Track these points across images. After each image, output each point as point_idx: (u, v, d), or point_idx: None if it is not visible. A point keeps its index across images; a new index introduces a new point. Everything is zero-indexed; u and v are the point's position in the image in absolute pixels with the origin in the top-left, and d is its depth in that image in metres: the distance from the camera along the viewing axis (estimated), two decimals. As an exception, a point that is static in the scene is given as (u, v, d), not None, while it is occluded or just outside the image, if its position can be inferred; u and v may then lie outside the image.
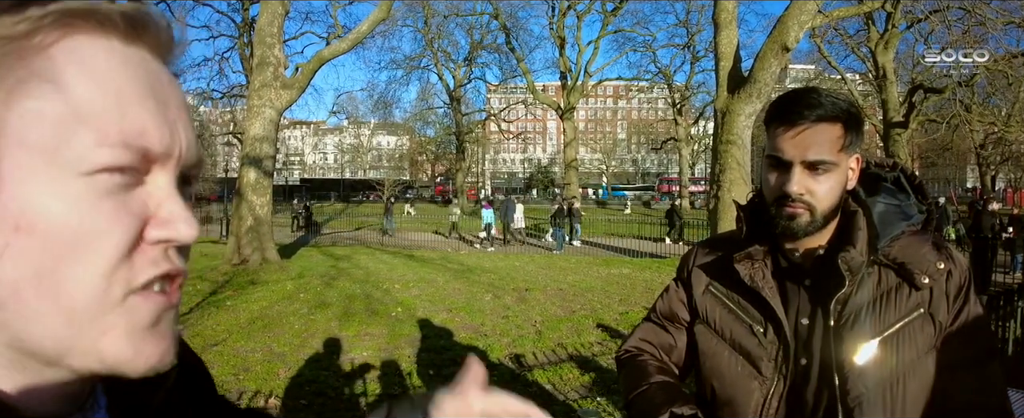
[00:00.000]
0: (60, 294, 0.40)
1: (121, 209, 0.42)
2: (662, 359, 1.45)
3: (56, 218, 0.40)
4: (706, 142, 57.03)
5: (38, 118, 0.40)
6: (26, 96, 0.40)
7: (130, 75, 0.43)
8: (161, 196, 0.44)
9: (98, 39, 0.43)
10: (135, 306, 0.43)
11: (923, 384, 1.17)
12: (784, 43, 9.80)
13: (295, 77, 14.17)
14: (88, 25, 0.42)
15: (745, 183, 10.26)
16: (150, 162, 0.44)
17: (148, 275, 0.43)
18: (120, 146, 0.41)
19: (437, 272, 12.50)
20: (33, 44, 0.40)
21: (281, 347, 6.65)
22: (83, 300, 0.41)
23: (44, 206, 0.39)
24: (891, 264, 1.22)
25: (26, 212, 0.39)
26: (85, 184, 0.40)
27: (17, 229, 0.39)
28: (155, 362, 0.44)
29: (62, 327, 0.41)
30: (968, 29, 20.80)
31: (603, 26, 35.46)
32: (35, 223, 0.39)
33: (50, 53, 0.41)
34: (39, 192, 0.39)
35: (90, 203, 0.40)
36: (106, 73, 0.42)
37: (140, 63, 0.44)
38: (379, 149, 75.19)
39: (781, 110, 1.21)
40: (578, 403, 4.96)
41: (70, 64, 0.41)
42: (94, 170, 0.40)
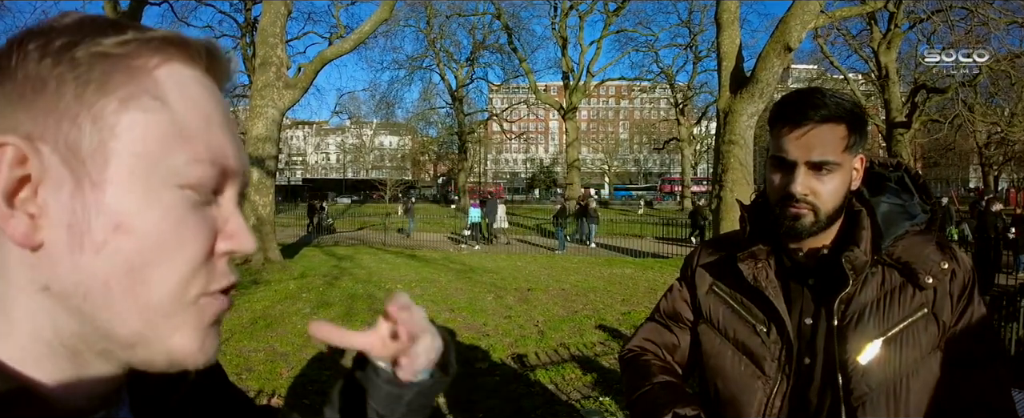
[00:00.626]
0: (144, 292, 0.45)
1: (202, 222, 0.47)
2: (665, 359, 1.45)
3: (151, 223, 0.44)
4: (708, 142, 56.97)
5: (147, 129, 0.44)
6: (139, 108, 0.44)
7: (213, 102, 0.49)
8: (228, 212, 0.50)
9: (189, 67, 0.48)
10: (204, 307, 0.48)
11: (926, 384, 1.17)
12: (786, 43, 9.78)
13: (297, 77, 14.18)
14: (181, 55, 0.48)
15: (747, 183, 10.25)
16: (225, 180, 0.50)
17: (221, 284, 0.49)
18: (208, 164, 0.47)
19: (439, 272, 12.50)
20: (138, 64, 0.45)
21: (284, 347, 6.65)
22: (163, 299, 0.45)
23: (142, 211, 0.44)
24: (895, 264, 1.22)
25: (126, 214, 0.43)
26: (178, 196, 0.45)
27: (117, 228, 0.43)
28: (211, 356, 0.49)
29: (140, 320, 0.45)
30: (971, 29, 20.76)
31: (605, 26, 35.46)
32: (133, 225, 0.44)
33: (155, 75, 0.46)
34: (139, 197, 0.44)
35: (180, 213, 0.45)
36: (198, 98, 0.48)
37: (215, 92, 0.51)
38: (381, 149, 75.23)
39: (785, 111, 1.21)
40: (581, 403, 4.96)
41: (173, 86, 0.46)
42: (186, 184, 0.46)
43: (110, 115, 0.44)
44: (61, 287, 0.43)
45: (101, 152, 0.43)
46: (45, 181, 0.43)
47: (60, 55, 0.43)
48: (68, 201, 0.43)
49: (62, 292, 0.44)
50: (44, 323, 0.45)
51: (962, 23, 20.70)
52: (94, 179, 0.43)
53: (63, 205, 0.43)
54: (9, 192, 0.42)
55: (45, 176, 0.43)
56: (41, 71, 0.43)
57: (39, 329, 0.45)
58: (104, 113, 0.44)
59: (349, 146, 75.44)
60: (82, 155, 0.43)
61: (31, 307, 0.44)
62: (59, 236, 0.43)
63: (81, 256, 0.43)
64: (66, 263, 0.43)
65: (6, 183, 0.42)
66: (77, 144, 0.43)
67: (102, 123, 0.43)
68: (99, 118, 0.43)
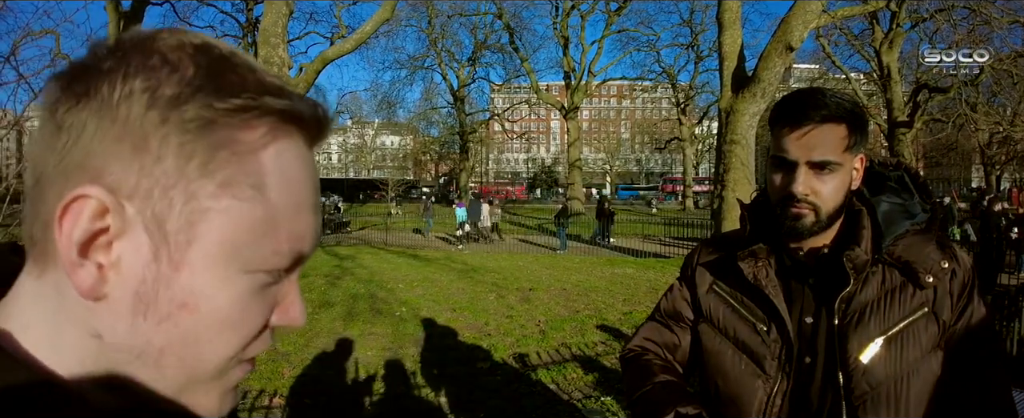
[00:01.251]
0: (194, 362, 0.44)
1: (264, 304, 0.46)
2: (666, 358, 1.45)
3: (217, 305, 0.43)
4: (710, 142, 56.93)
5: (239, 220, 0.43)
6: (234, 196, 0.42)
7: (309, 183, 0.47)
8: (289, 287, 0.49)
9: (294, 144, 0.46)
10: (234, 373, 0.48)
11: (927, 383, 1.17)
12: (788, 43, 9.77)
13: (299, 77, 14.17)
14: (290, 130, 0.45)
15: (749, 183, 10.24)
16: (298, 264, 0.48)
17: (256, 352, 0.48)
18: (289, 253, 0.46)
19: (441, 272, 12.51)
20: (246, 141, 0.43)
21: (286, 346, 6.65)
22: (208, 371, 0.45)
23: (211, 294, 0.43)
24: (895, 263, 1.22)
25: (196, 296, 0.43)
26: (248, 281, 0.44)
27: (183, 306, 0.42)
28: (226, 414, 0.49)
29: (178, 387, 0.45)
30: (973, 28, 20.73)
31: (607, 26, 35.42)
32: (200, 307, 0.43)
33: (260, 158, 0.43)
34: (212, 281, 0.43)
35: (246, 298, 0.45)
36: (297, 183, 0.46)
37: (312, 167, 0.48)
38: (383, 149, 75.20)
39: (786, 110, 1.22)
40: (582, 403, 4.96)
41: (275, 172, 0.44)
42: (260, 270, 0.45)
43: (205, 197, 0.42)
44: (115, 341, 0.43)
45: (186, 232, 0.42)
46: (123, 238, 0.41)
47: (168, 111, 0.41)
48: (141, 269, 0.42)
49: (115, 346, 0.43)
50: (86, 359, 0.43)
51: (964, 22, 20.69)
52: (173, 257, 0.42)
53: (136, 271, 0.42)
54: (83, 243, 0.40)
55: (124, 234, 0.41)
56: (146, 125, 0.40)
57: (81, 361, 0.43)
58: (200, 194, 0.42)
59: (350, 146, 75.38)
60: (166, 230, 0.41)
61: (79, 345, 0.43)
62: (124, 296, 0.42)
63: (143, 322, 0.42)
64: (126, 324, 0.42)
65: (82, 235, 0.40)
66: (164, 217, 0.41)
67: (195, 204, 0.42)
68: (193, 198, 0.42)
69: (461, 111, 43.04)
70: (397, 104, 43.55)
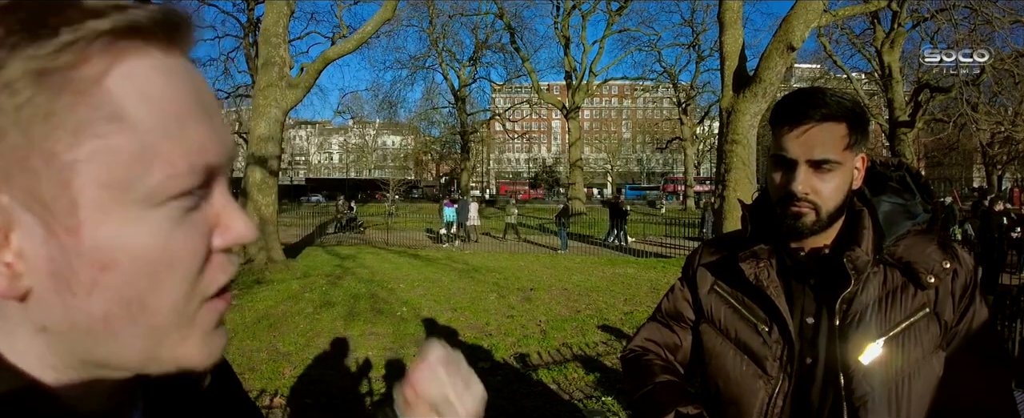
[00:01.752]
0: (146, 318, 0.42)
1: (193, 230, 0.43)
2: (667, 358, 1.45)
3: (138, 251, 0.40)
4: (711, 142, 56.99)
5: (110, 157, 0.39)
6: (94, 136, 0.38)
7: (181, 90, 0.42)
8: (219, 204, 0.46)
9: (144, 58, 0.41)
10: (207, 313, 0.45)
11: (928, 384, 1.17)
12: (789, 42, 9.77)
13: (300, 77, 14.19)
14: (132, 44, 0.40)
15: (750, 182, 10.25)
16: (211, 176, 0.44)
17: (219, 283, 0.46)
18: (189, 169, 0.42)
19: (442, 272, 12.51)
20: (85, 76, 0.38)
21: (287, 346, 6.66)
22: (167, 319, 0.43)
23: (125, 242, 0.40)
24: (896, 263, 1.21)
25: (109, 250, 0.40)
26: (160, 214, 0.41)
27: (103, 267, 0.40)
28: (218, 355, 0.47)
29: (147, 345, 0.43)
30: (974, 28, 20.74)
31: (608, 25, 35.43)
32: (119, 259, 0.40)
33: (106, 86, 0.39)
34: (118, 229, 0.40)
35: (166, 231, 0.41)
36: (162, 95, 0.41)
37: (182, 72, 0.43)
38: (384, 149, 75.27)
39: (786, 109, 1.21)
40: (583, 403, 4.96)
41: (129, 95, 0.40)
42: (166, 200, 0.41)
43: (65, 152, 0.38)
44: (60, 328, 0.41)
45: (65, 194, 0.38)
46: (15, 228, 0.39)
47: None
48: (43, 248, 0.39)
49: (62, 332, 0.41)
50: (45, 354, 0.43)
51: (965, 22, 20.69)
52: (65, 224, 0.39)
53: (39, 253, 0.39)
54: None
55: (12, 223, 0.39)
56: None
57: (43, 358, 0.43)
58: (58, 151, 0.38)
59: (352, 146, 75.46)
60: (44, 200, 0.38)
61: (32, 343, 0.42)
62: (44, 281, 0.40)
63: (73, 299, 0.40)
64: (58, 307, 0.40)
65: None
66: (35, 189, 0.38)
67: (57, 162, 0.38)
68: (53, 157, 0.38)
69: (462, 111, 43.09)
70: (398, 104, 43.67)
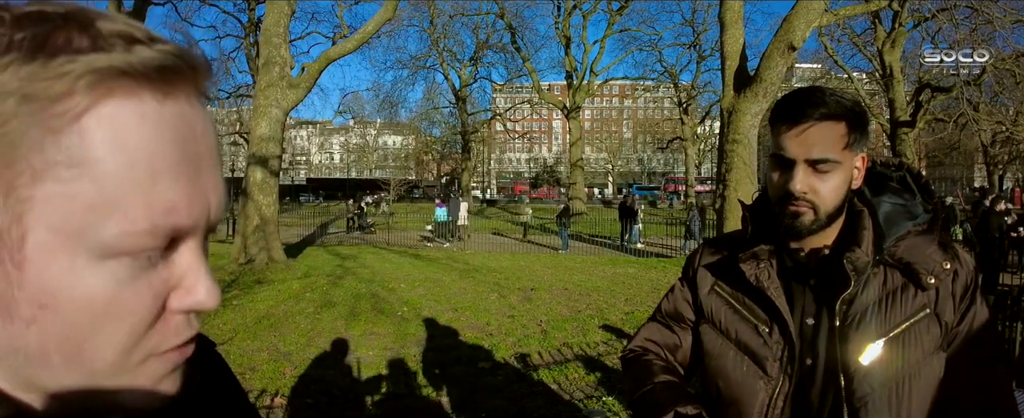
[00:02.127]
0: (84, 361, 0.40)
1: (144, 290, 0.41)
2: (667, 359, 1.44)
3: (79, 300, 0.39)
4: (712, 141, 56.97)
5: (65, 204, 0.37)
6: (55, 179, 0.37)
7: (164, 143, 0.40)
8: (185, 266, 0.43)
9: (132, 102, 0.39)
10: (153, 366, 0.43)
11: (929, 385, 1.16)
12: (790, 42, 9.76)
13: (301, 77, 14.19)
14: (121, 86, 0.38)
15: (751, 182, 10.24)
16: (178, 239, 0.42)
17: (170, 345, 0.44)
18: (147, 233, 0.39)
19: (443, 271, 12.51)
20: (62, 111, 0.37)
21: (287, 346, 6.67)
22: (104, 368, 0.41)
23: (67, 287, 0.38)
24: (897, 264, 1.21)
25: (51, 292, 0.38)
26: (109, 268, 0.39)
27: (42, 307, 0.38)
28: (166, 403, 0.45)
29: (83, 384, 0.41)
30: (975, 28, 20.71)
31: (609, 25, 35.45)
32: (58, 305, 0.39)
33: (82, 125, 0.37)
34: (62, 274, 0.38)
35: (113, 286, 0.40)
36: (139, 147, 0.39)
37: (175, 121, 0.41)
38: (385, 149, 75.29)
39: (785, 109, 1.21)
40: (584, 403, 4.96)
41: (103, 142, 0.37)
42: (120, 255, 0.39)
43: (24, 188, 0.37)
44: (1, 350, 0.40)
45: (17, 227, 0.37)
46: None
47: None
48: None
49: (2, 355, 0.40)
50: None
51: (966, 22, 20.65)
52: (13, 257, 0.37)
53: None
54: None
55: None
56: None
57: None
58: (17, 184, 0.36)
59: (353, 146, 75.51)
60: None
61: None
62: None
63: (12, 327, 0.39)
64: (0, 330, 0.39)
65: None
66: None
67: (16, 196, 0.37)
68: (12, 190, 0.37)
69: (463, 111, 43.08)
70: (399, 104, 43.70)
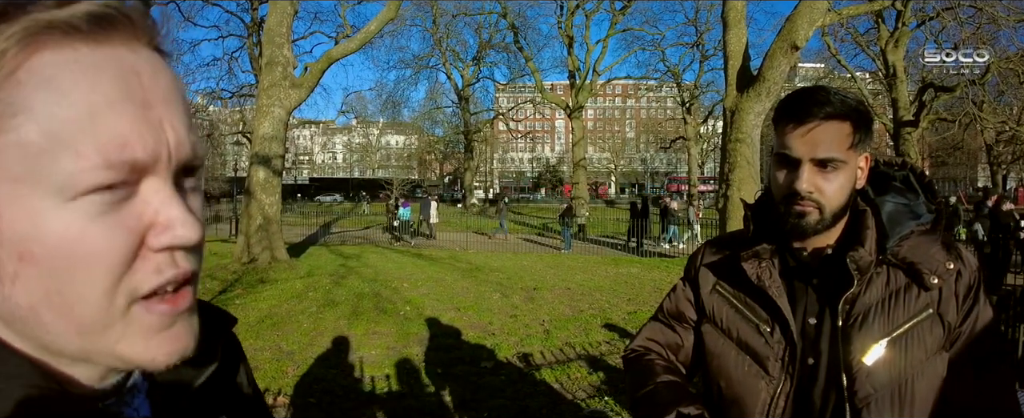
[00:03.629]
0: (69, 312, 0.42)
1: (116, 226, 0.42)
2: (669, 358, 1.44)
3: (52, 243, 0.40)
4: (715, 141, 56.89)
5: (17, 151, 0.39)
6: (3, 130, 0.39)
7: (101, 84, 0.41)
8: (157, 202, 0.44)
9: (62, 51, 0.41)
10: (140, 314, 0.44)
11: (932, 385, 1.16)
12: (793, 41, 9.74)
13: (304, 76, 14.21)
14: (52, 38, 0.40)
15: (754, 182, 10.22)
16: (139, 172, 0.43)
17: (152, 284, 0.44)
18: (101, 166, 0.41)
19: (445, 271, 12.52)
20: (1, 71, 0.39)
21: (290, 345, 6.67)
22: (90, 315, 0.42)
23: (39, 234, 0.40)
24: (900, 264, 1.20)
25: (25, 240, 0.40)
26: (75, 208, 0.41)
27: (21, 258, 0.41)
28: (172, 360, 0.46)
29: (78, 338, 0.43)
30: (979, 27, 20.67)
31: (611, 25, 35.37)
32: (34, 252, 0.40)
33: (17, 78, 0.40)
34: (32, 221, 0.40)
35: (82, 226, 0.41)
36: (74, 89, 0.40)
37: (112, 65, 0.42)
38: (388, 148, 75.33)
39: (790, 108, 1.21)
40: (586, 403, 4.96)
41: (38, 88, 0.40)
42: (81, 193, 0.41)
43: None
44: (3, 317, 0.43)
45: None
46: None
47: None
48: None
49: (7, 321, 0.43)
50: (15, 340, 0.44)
51: (970, 21, 20.60)
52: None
53: None
54: None
55: None
56: None
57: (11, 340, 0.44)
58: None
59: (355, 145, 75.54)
60: None
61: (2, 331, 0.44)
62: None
63: (3, 288, 0.41)
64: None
65: None
66: None
67: None
68: None
69: (466, 110, 43.09)
70: (402, 103, 43.75)
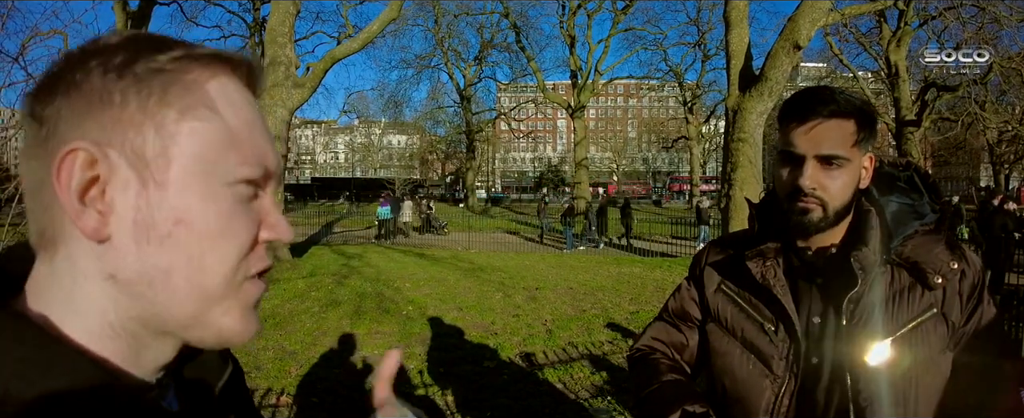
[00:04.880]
0: (201, 278, 0.50)
1: (249, 215, 0.53)
2: (674, 358, 1.44)
3: (208, 217, 0.50)
4: (717, 141, 56.86)
5: (204, 135, 0.50)
6: (195, 118, 0.50)
7: (253, 110, 0.56)
8: (268, 205, 0.56)
9: (233, 80, 0.54)
10: (248, 290, 0.54)
11: (936, 384, 1.16)
12: (796, 41, 9.74)
13: (306, 76, 14.21)
14: (226, 69, 0.54)
15: (757, 181, 10.22)
16: (265, 178, 0.55)
17: (259, 267, 0.55)
18: (255, 164, 0.53)
19: (448, 271, 12.52)
20: (191, 79, 0.51)
21: (293, 345, 6.67)
22: (217, 283, 0.51)
23: (199, 207, 0.50)
24: (904, 263, 1.21)
25: (186, 209, 0.49)
26: (229, 193, 0.52)
27: (178, 222, 0.49)
28: (253, 334, 0.55)
29: (196, 304, 0.51)
30: (982, 26, 20.62)
31: (613, 24, 35.38)
32: (193, 220, 0.49)
33: (206, 88, 0.52)
34: (197, 195, 0.50)
35: (231, 208, 0.52)
36: (242, 108, 0.54)
37: (253, 101, 0.57)
38: (390, 148, 75.31)
39: (794, 106, 1.21)
40: (589, 402, 4.96)
41: (222, 98, 0.52)
42: (236, 182, 0.52)
43: (171, 124, 0.49)
44: (127, 276, 0.49)
45: (164, 156, 0.49)
46: (112, 181, 0.48)
47: (122, 70, 0.49)
48: (134, 199, 0.48)
49: (128, 280, 0.49)
50: (108, 307, 0.50)
51: (973, 20, 20.56)
52: (157, 179, 0.49)
53: (129, 203, 0.48)
54: (81, 191, 0.47)
55: (112, 177, 0.48)
56: (107, 84, 0.48)
57: (104, 312, 0.50)
58: (165, 122, 0.49)
59: (357, 145, 75.54)
60: (147, 159, 0.49)
61: (96, 293, 0.50)
62: (126, 230, 0.49)
63: (147, 247, 0.49)
64: (132, 254, 0.49)
65: (78, 183, 0.47)
66: (142, 149, 0.49)
67: (164, 131, 0.49)
68: (161, 127, 0.49)
69: (467, 110, 43.08)
70: (404, 103, 43.76)
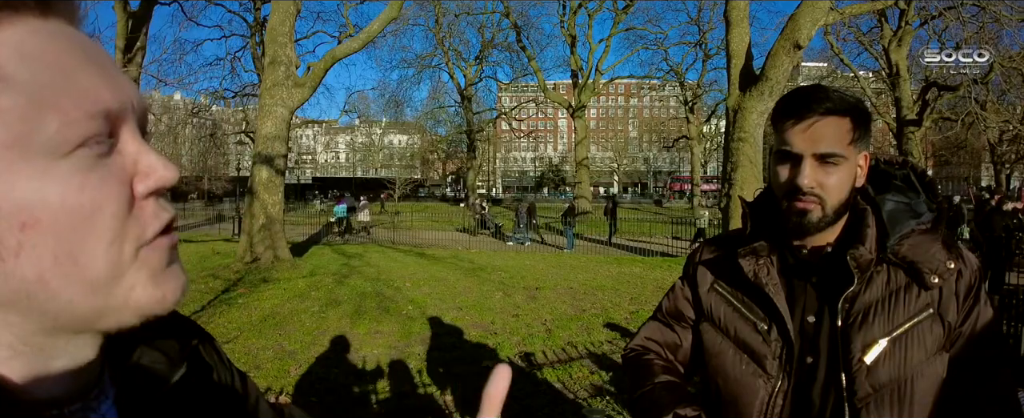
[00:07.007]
0: (81, 271, 0.42)
1: (108, 177, 0.44)
2: (668, 358, 1.44)
3: (54, 203, 0.41)
4: (718, 140, 56.86)
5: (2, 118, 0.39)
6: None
7: (61, 47, 0.43)
8: (134, 151, 0.46)
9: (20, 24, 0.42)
10: (148, 257, 0.46)
11: (932, 385, 1.16)
12: (796, 41, 9.74)
13: (307, 76, 14.21)
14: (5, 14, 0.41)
15: (757, 181, 10.21)
16: (114, 123, 0.45)
17: (155, 228, 0.46)
18: (84, 119, 0.42)
19: (448, 270, 12.52)
20: None
21: (292, 345, 6.68)
22: (102, 269, 0.43)
23: (40, 196, 0.40)
24: (900, 263, 1.20)
25: (26, 207, 0.40)
26: (68, 165, 0.41)
27: (24, 226, 0.40)
28: (179, 296, 0.48)
29: (92, 297, 0.43)
30: (983, 26, 20.61)
31: (614, 24, 35.39)
32: (38, 216, 0.40)
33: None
34: (30, 185, 0.40)
35: (79, 181, 0.42)
36: (40, 53, 0.42)
37: (62, 33, 0.44)
38: (390, 148, 75.35)
39: (790, 105, 1.21)
40: (588, 402, 4.96)
41: (8, 58, 0.40)
42: (71, 149, 0.41)
43: None
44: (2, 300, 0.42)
45: None
46: None
47: None
48: None
49: (5, 302, 0.42)
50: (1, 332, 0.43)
51: (973, 20, 20.54)
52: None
53: None
54: None
55: None
56: None
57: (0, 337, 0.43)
58: None
59: (358, 145, 75.61)
60: None
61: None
62: None
63: (3, 266, 0.40)
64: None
65: None
66: None
67: None
68: None
69: (468, 110, 43.10)
70: (404, 103, 43.85)
